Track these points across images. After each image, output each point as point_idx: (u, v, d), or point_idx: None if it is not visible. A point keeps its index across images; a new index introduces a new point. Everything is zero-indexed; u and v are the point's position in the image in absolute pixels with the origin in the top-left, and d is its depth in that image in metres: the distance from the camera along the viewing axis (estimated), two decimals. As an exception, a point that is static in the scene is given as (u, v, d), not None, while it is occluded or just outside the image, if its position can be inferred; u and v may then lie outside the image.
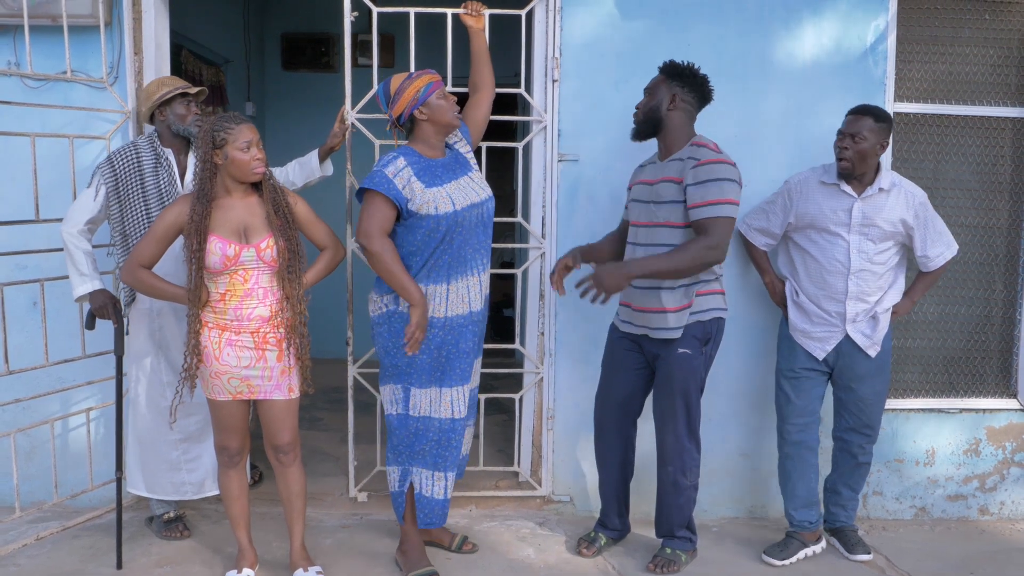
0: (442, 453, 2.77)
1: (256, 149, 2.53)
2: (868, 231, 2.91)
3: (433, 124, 2.71)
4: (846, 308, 2.95)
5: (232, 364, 2.57)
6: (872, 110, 2.88)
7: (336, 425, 4.34)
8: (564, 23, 3.25)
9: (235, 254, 2.52)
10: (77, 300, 2.89)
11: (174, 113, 2.95)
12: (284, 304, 2.60)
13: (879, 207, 2.90)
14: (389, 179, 2.62)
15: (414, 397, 2.75)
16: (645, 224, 2.84)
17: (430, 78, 2.69)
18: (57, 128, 3.16)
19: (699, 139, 2.77)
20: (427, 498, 2.80)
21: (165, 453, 3.05)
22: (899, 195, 2.91)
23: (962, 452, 3.52)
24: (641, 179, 2.92)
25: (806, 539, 3.09)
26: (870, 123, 2.84)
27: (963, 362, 3.57)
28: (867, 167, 2.88)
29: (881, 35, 3.32)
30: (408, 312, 2.65)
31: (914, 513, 3.53)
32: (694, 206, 2.67)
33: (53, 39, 3.12)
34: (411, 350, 2.65)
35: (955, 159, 3.48)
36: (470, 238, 2.73)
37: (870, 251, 2.92)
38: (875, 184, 2.90)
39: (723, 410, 3.43)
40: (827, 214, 2.94)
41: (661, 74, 2.83)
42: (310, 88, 5.96)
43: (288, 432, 2.68)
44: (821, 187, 2.97)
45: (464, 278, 2.72)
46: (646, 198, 2.85)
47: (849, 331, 2.96)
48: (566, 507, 3.46)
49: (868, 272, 2.93)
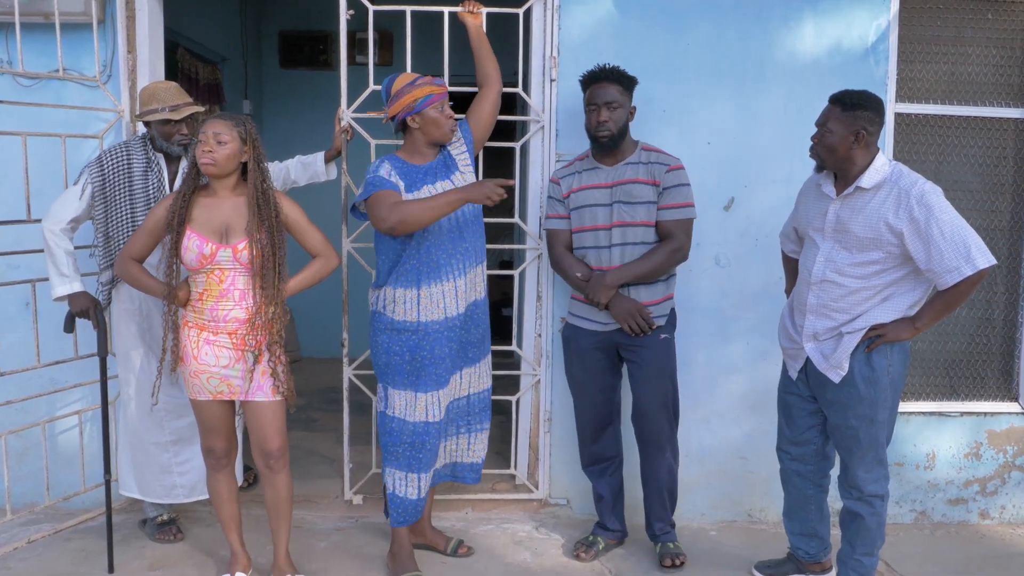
0: (416, 455, 2.76)
1: (211, 143, 2.46)
2: (842, 237, 2.47)
3: (424, 135, 2.72)
4: (805, 323, 2.58)
5: (210, 363, 2.55)
6: (841, 97, 2.45)
7: (332, 426, 4.31)
8: (562, 22, 3.22)
9: (211, 253, 2.49)
10: (56, 300, 2.85)
11: (158, 129, 2.88)
12: (262, 309, 2.54)
13: (856, 209, 2.44)
14: (385, 177, 2.67)
15: (391, 397, 2.77)
16: (617, 225, 2.87)
17: (431, 89, 2.68)
18: (50, 127, 3.13)
19: (645, 144, 2.95)
20: (400, 498, 2.80)
21: (156, 455, 3.02)
22: (888, 195, 2.39)
23: (963, 456, 3.48)
24: (585, 185, 2.92)
25: (805, 567, 2.87)
26: (836, 112, 2.43)
27: (964, 365, 3.53)
28: (842, 162, 2.45)
29: (883, 34, 3.28)
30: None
31: (914, 517, 3.50)
32: (667, 207, 2.85)
33: (45, 37, 3.08)
34: None
35: (956, 160, 3.44)
36: (443, 243, 2.71)
37: (841, 260, 2.46)
38: (855, 183, 2.45)
39: (721, 411, 3.40)
40: (809, 218, 2.62)
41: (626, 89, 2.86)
42: (308, 86, 5.92)
43: (277, 437, 2.63)
44: (814, 189, 2.65)
45: (438, 283, 2.71)
46: (607, 200, 2.89)
47: (807, 349, 2.57)
48: (563, 510, 3.43)
49: (833, 284, 2.48)
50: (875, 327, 2.46)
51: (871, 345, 2.46)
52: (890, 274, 2.44)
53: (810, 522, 2.82)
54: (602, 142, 2.85)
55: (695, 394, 3.35)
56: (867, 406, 2.49)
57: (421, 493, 2.80)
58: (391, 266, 2.73)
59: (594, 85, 2.85)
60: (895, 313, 2.47)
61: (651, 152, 2.92)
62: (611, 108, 2.82)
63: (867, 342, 2.47)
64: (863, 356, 2.48)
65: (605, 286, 2.83)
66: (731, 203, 3.30)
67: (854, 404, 2.50)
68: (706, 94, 3.26)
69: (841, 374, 2.49)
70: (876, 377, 2.47)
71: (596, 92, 2.83)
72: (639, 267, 2.84)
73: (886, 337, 2.44)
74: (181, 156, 2.93)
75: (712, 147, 3.27)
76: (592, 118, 2.84)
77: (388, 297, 2.74)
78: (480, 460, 3.01)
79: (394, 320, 2.73)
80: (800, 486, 2.78)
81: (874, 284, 2.45)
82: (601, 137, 2.84)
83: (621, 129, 2.86)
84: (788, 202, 3.28)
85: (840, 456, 2.63)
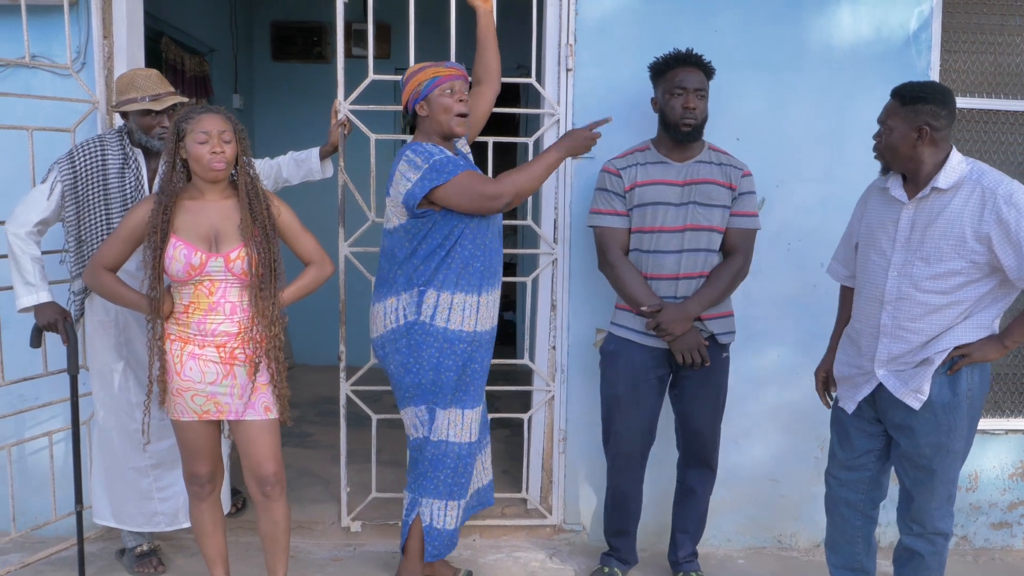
0: (457, 481, 2.55)
1: (217, 142, 2.21)
2: (918, 247, 2.19)
3: (432, 123, 2.45)
4: (877, 348, 2.29)
5: (196, 380, 2.28)
6: (901, 90, 2.22)
7: (327, 442, 4.03)
8: (579, 7, 2.95)
9: (200, 263, 2.23)
10: (21, 312, 2.57)
11: (137, 121, 2.61)
12: (255, 323, 2.29)
13: (934, 213, 2.17)
14: (452, 155, 2.43)
15: (437, 419, 2.52)
16: (690, 228, 2.61)
17: (435, 71, 2.43)
18: (16, 119, 2.84)
19: (711, 144, 2.73)
20: (437, 530, 2.57)
21: (135, 481, 2.75)
22: (970, 195, 2.13)
23: (1007, 476, 3.24)
24: (654, 179, 2.62)
25: None
26: (895, 107, 2.21)
27: (1009, 379, 3.29)
28: (908, 162, 2.21)
29: (925, 22, 3.03)
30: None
31: (955, 542, 3.25)
32: (741, 215, 2.65)
33: (11, 20, 2.81)
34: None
35: (999, 158, 3.20)
36: (497, 243, 2.54)
37: (919, 274, 2.18)
38: (930, 183, 2.18)
39: (750, 430, 3.15)
40: (876, 228, 2.31)
41: (708, 79, 2.65)
42: (301, 80, 5.64)
43: (272, 461, 2.38)
44: (879, 194, 2.35)
45: (494, 289, 2.54)
46: (678, 200, 2.61)
47: (879, 375, 2.29)
48: (578, 536, 3.17)
49: (910, 302, 2.20)
50: (959, 347, 2.19)
51: (954, 367, 2.19)
52: (975, 288, 2.17)
53: (857, 556, 2.54)
54: (685, 131, 2.57)
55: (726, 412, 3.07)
56: (943, 434, 2.22)
57: (459, 521, 2.61)
58: (435, 265, 2.45)
59: (680, 68, 2.58)
60: (980, 331, 2.19)
61: (721, 153, 2.70)
62: (700, 96, 2.57)
63: (949, 363, 2.20)
64: (944, 379, 2.21)
65: (687, 318, 2.55)
66: (762, 203, 3.05)
67: (928, 431, 2.23)
68: (735, 85, 2.99)
69: (922, 399, 2.22)
70: (956, 403, 2.21)
71: (684, 76, 2.56)
72: (712, 293, 2.60)
73: (972, 357, 2.18)
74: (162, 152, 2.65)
75: (742, 143, 3.01)
76: (677, 104, 2.56)
77: (443, 303, 2.46)
78: (492, 477, 2.84)
79: (448, 330, 2.47)
80: (848, 516, 2.49)
81: (957, 299, 2.18)
82: (686, 125, 2.56)
83: (704, 121, 2.62)
84: (823, 203, 3.05)
85: (904, 486, 2.35)
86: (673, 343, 2.58)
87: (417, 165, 2.38)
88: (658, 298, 2.59)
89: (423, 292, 2.47)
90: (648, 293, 2.59)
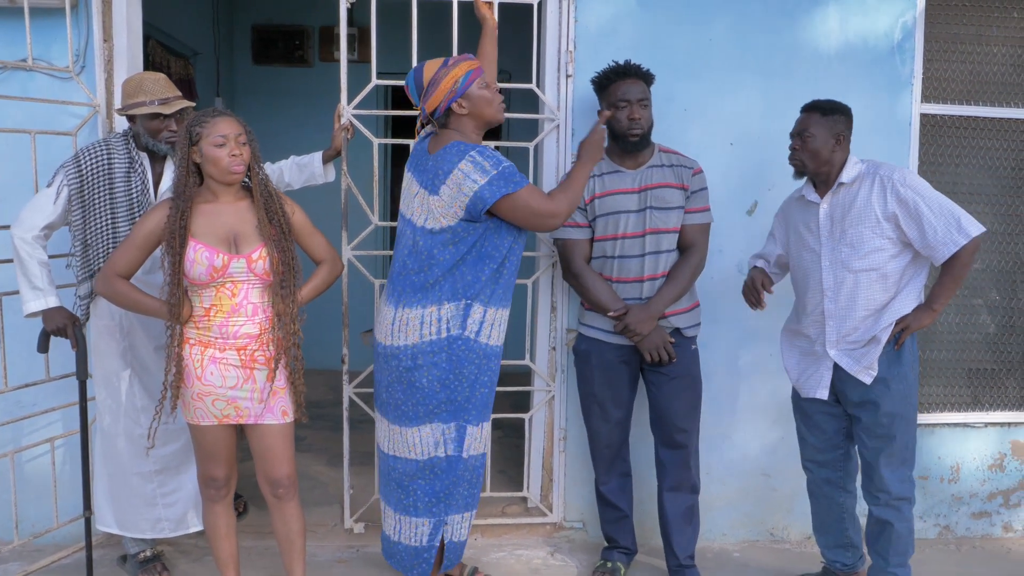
0: (472, 492, 2.57)
1: (234, 145, 2.24)
2: (841, 235, 2.51)
3: (474, 119, 2.43)
4: (826, 331, 2.57)
5: (217, 384, 2.29)
6: (819, 104, 2.56)
7: (322, 445, 4.03)
8: (579, 14, 3.02)
9: (223, 264, 2.24)
10: (28, 317, 2.54)
11: (144, 124, 2.59)
12: (276, 322, 2.32)
13: (847, 205, 2.51)
14: (518, 170, 2.39)
15: (470, 436, 2.49)
16: (650, 232, 2.70)
17: (469, 65, 2.41)
18: (17, 123, 2.81)
19: (660, 145, 2.81)
20: (455, 542, 2.58)
21: (139, 487, 2.74)
22: (872, 185, 2.48)
23: (987, 467, 3.37)
24: (610, 190, 2.71)
25: None
26: (816, 118, 2.53)
27: (987, 374, 3.42)
28: (824, 165, 2.53)
29: (909, 32, 3.15)
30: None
31: (938, 532, 3.38)
32: (694, 211, 2.75)
33: (12, 23, 2.79)
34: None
35: (977, 163, 3.33)
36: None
37: (847, 256, 2.50)
38: (837, 180, 2.53)
39: (741, 428, 3.23)
40: (800, 230, 2.63)
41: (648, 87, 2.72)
42: (283, 83, 5.60)
43: (287, 463, 2.40)
44: (796, 203, 2.69)
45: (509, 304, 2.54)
46: (636, 207, 2.71)
47: (832, 355, 2.56)
48: (578, 533, 3.23)
49: (847, 284, 2.52)
50: (899, 320, 2.49)
51: (899, 341, 2.49)
52: (897, 261, 2.49)
53: (845, 531, 2.77)
54: (633, 141, 2.66)
55: (717, 408, 3.17)
56: (898, 403, 2.52)
57: (470, 528, 2.64)
58: (486, 279, 2.39)
59: (622, 81, 2.66)
60: (912, 302, 2.51)
61: (670, 154, 2.78)
62: (643, 105, 2.65)
63: (894, 339, 2.50)
64: (891, 352, 2.51)
65: (651, 317, 2.65)
66: (754, 207, 3.14)
67: (884, 401, 2.51)
68: (729, 91, 3.09)
69: (872, 374, 2.51)
70: (904, 372, 2.52)
71: (627, 88, 2.64)
72: (673, 290, 2.70)
73: (911, 328, 2.49)
74: (168, 155, 2.65)
75: (735, 148, 3.11)
76: (623, 116, 2.64)
77: (488, 319, 2.43)
78: None
79: (488, 346, 2.46)
80: (831, 495, 2.73)
81: (884, 272, 2.49)
82: (633, 135, 2.64)
83: (650, 128, 2.70)
84: (814, 206, 3.15)
85: (866, 460, 2.60)
86: (640, 342, 2.67)
87: (485, 169, 2.30)
88: (622, 301, 2.68)
89: (470, 306, 2.39)
90: (613, 297, 2.68)
